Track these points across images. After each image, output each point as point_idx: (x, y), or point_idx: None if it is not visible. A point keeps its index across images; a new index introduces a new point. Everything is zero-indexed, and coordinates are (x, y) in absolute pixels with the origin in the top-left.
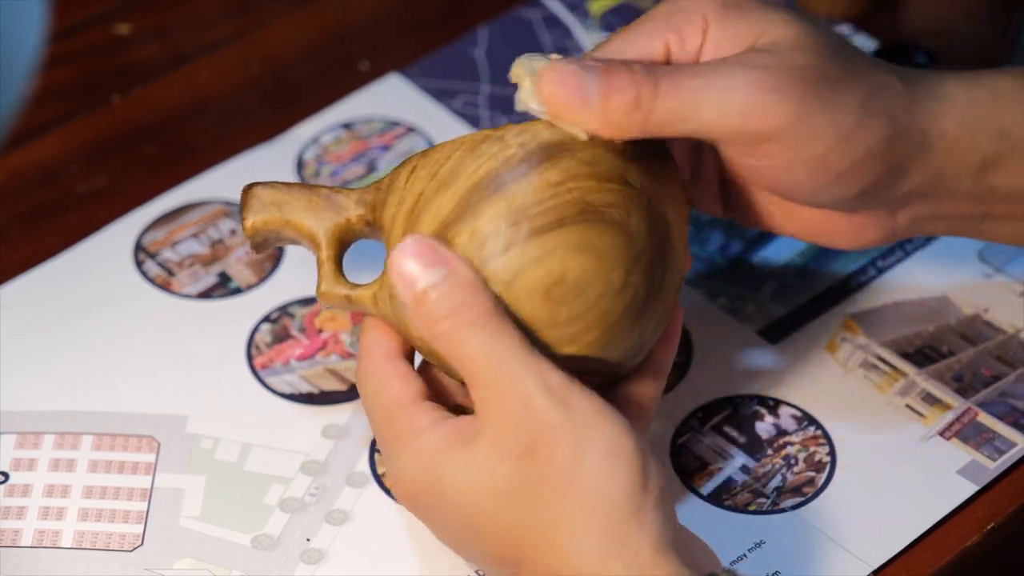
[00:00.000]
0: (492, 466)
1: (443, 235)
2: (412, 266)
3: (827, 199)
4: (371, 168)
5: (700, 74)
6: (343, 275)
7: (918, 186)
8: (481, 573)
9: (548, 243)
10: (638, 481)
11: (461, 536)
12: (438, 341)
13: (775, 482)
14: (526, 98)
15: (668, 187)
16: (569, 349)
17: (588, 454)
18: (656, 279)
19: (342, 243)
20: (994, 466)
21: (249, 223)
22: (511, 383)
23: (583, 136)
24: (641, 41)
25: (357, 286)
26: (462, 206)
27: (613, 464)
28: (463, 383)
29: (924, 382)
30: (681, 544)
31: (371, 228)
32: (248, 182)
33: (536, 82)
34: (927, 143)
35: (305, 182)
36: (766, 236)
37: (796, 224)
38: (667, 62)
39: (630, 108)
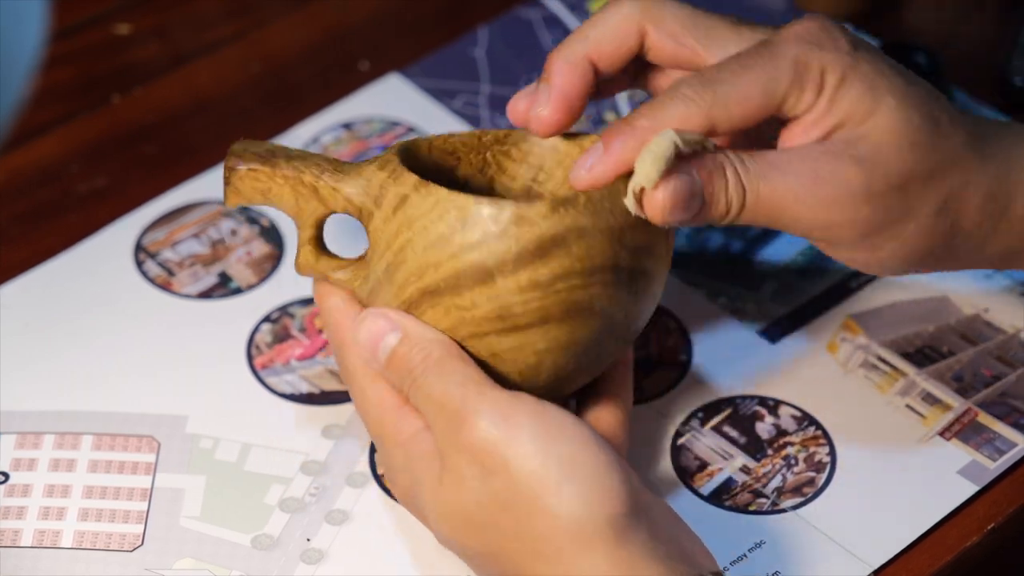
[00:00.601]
0: (459, 490)
1: (417, 300)
2: (370, 338)
3: (889, 272)
4: None
5: (783, 191)
6: (324, 250)
7: (980, 263)
8: None
9: (527, 337)
10: (607, 492)
11: (450, 545)
12: (408, 396)
13: (775, 482)
14: (628, 202)
15: (656, 238)
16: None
17: (547, 470)
18: (622, 333)
19: (323, 224)
20: (994, 466)
21: (231, 204)
22: (455, 414)
23: (634, 212)
24: (764, 97)
25: (337, 262)
26: (447, 283)
27: (574, 478)
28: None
29: (924, 382)
30: (665, 552)
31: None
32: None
33: (647, 197)
34: (1000, 222)
35: (293, 151)
36: (766, 236)
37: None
38: (772, 115)
39: (720, 218)
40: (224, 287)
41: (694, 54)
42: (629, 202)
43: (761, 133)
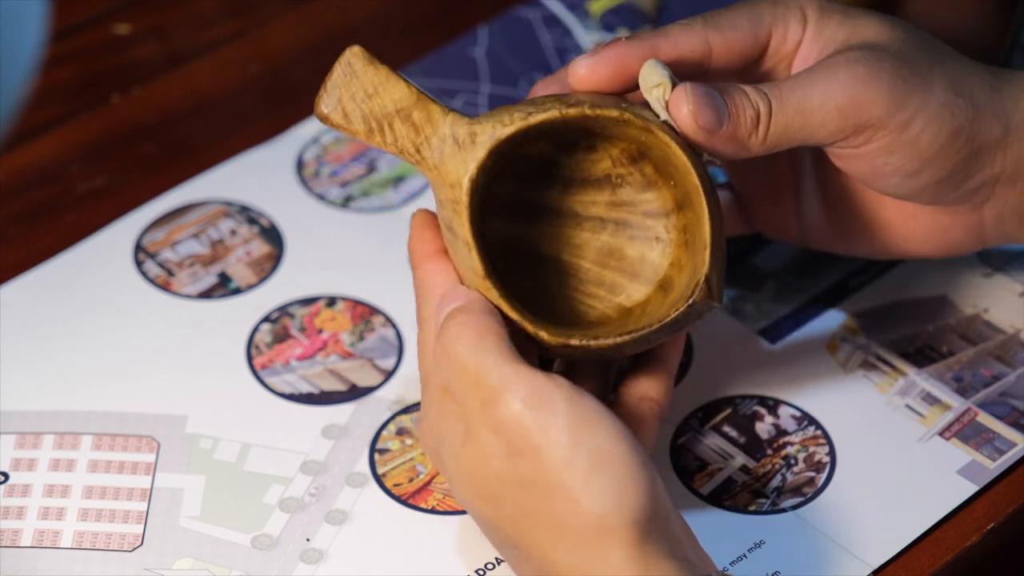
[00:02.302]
0: (482, 461)
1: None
2: (435, 297)
3: (918, 185)
4: (371, 168)
5: (799, 86)
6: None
7: (1002, 171)
8: (482, 572)
9: None
10: (632, 489)
11: (467, 508)
12: (436, 358)
13: (775, 482)
14: (656, 106)
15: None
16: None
17: (577, 459)
18: None
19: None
20: (994, 466)
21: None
22: (490, 390)
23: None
24: (751, 24)
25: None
26: None
27: (603, 473)
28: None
29: (924, 382)
30: (679, 552)
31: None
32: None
33: (672, 100)
34: (1011, 126)
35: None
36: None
37: (881, 236)
38: (765, 50)
39: (753, 126)
40: (224, 287)
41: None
42: (662, 113)
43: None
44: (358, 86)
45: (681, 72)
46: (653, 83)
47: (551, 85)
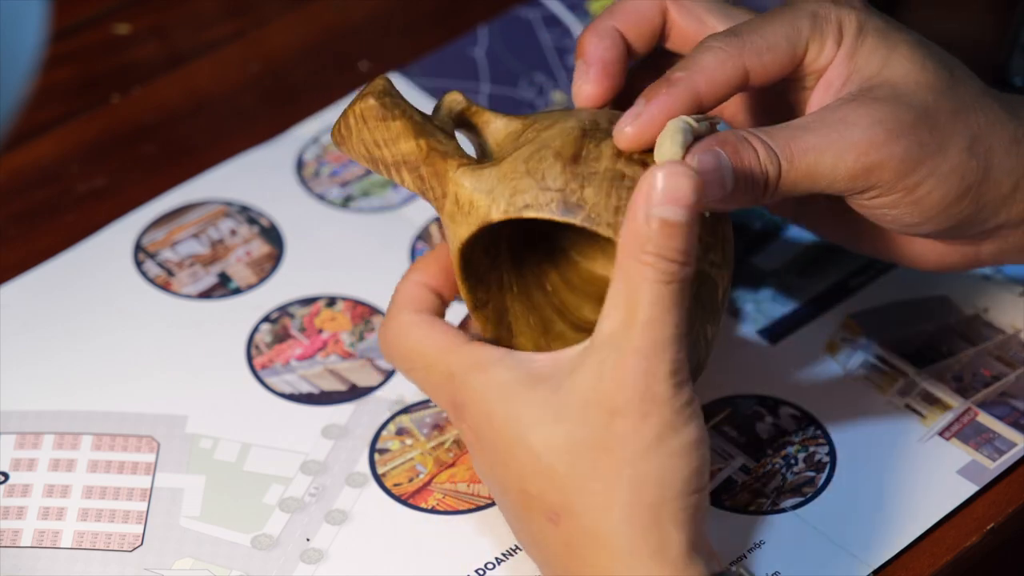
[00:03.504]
0: (577, 411)
1: None
2: (671, 189)
3: (922, 231)
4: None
5: (812, 148)
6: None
7: (1006, 220)
8: (482, 571)
9: None
10: (695, 486)
11: (507, 471)
12: (630, 264)
13: (775, 482)
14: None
15: (722, 240)
16: None
17: (670, 440)
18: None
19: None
20: (994, 466)
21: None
22: (652, 344)
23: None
24: (789, 43)
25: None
26: None
27: (683, 460)
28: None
29: (924, 382)
30: (703, 546)
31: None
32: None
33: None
34: (1021, 182)
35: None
36: (766, 236)
37: (877, 241)
38: (798, 65)
39: (760, 192)
40: (224, 287)
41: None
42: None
43: (784, 110)
44: (368, 135)
45: (716, 103)
46: (662, 156)
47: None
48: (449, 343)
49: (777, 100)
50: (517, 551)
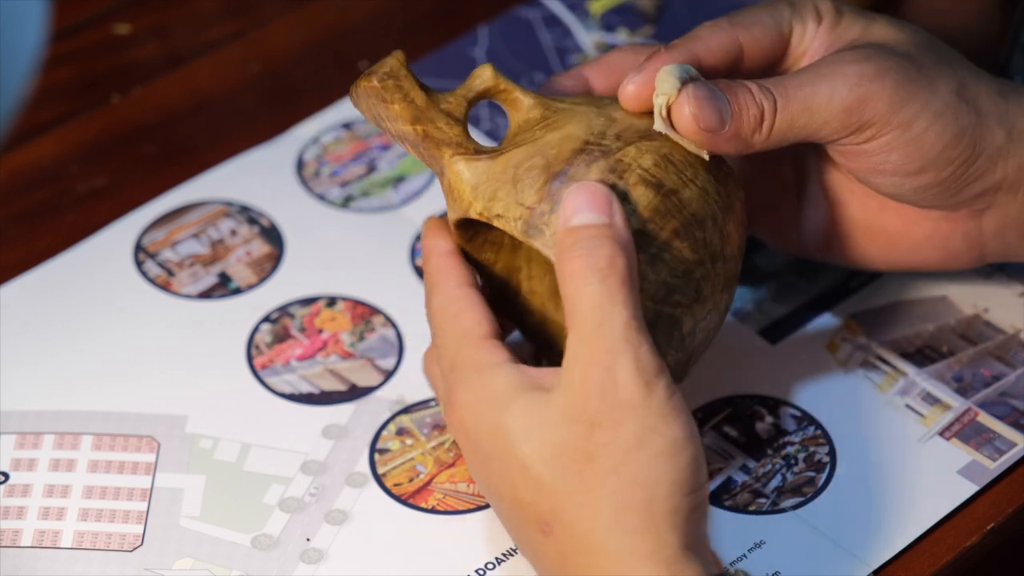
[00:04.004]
0: (561, 423)
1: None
2: (580, 200)
3: (918, 185)
4: (371, 168)
5: (806, 82)
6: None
7: (1003, 178)
8: (482, 571)
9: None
10: (685, 487)
11: (501, 479)
12: (563, 278)
13: (775, 482)
14: (657, 125)
15: (734, 198)
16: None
17: (651, 442)
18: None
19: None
20: (994, 466)
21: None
22: (604, 351)
23: (704, 155)
24: (775, 21)
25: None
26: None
27: (669, 461)
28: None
29: (924, 382)
30: (701, 547)
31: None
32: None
33: (675, 105)
34: (1014, 134)
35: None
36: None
37: (881, 245)
38: (787, 48)
39: (756, 124)
40: (224, 287)
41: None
42: (658, 125)
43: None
44: (372, 108)
45: (714, 74)
46: (661, 92)
47: (567, 81)
48: (468, 332)
49: None
50: (517, 551)
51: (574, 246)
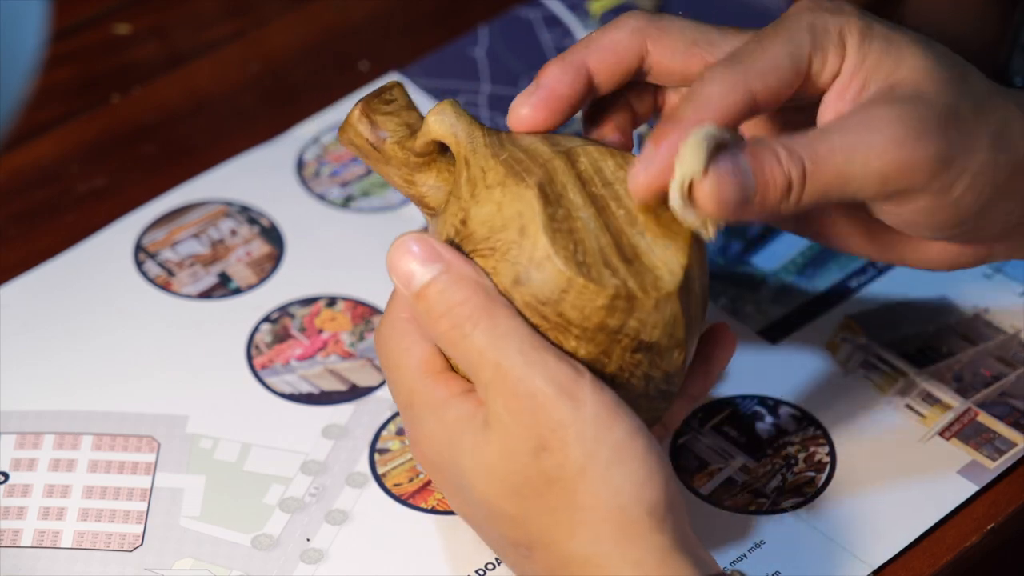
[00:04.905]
0: (504, 458)
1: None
2: (406, 261)
3: (953, 235)
4: (371, 168)
5: (839, 147)
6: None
7: None
8: (482, 572)
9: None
10: (651, 481)
11: (474, 513)
12: (440, 342)
13: (775, 482)
14: (674, 202)
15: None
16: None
17: (599, 452)
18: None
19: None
20: (994, 466)
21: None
22: (517, 382)
23: (709, 235)
24: (792, 60)
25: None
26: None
27: (624, 463)
28: None
29: (924, 382)
30: (690, 546)
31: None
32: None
33: (696, 187)
34: None
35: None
36: (766, 236)
37: (885, 249)
38: (807, 77)
39: (784, 194)
40: (224, 287)
41: (703, 63)
42: (675, 203)
43: (798, 124)
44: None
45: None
46: (684, 168)
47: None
48: (420, 366)
49: (793, 120)
50: None
51: (429, 311)
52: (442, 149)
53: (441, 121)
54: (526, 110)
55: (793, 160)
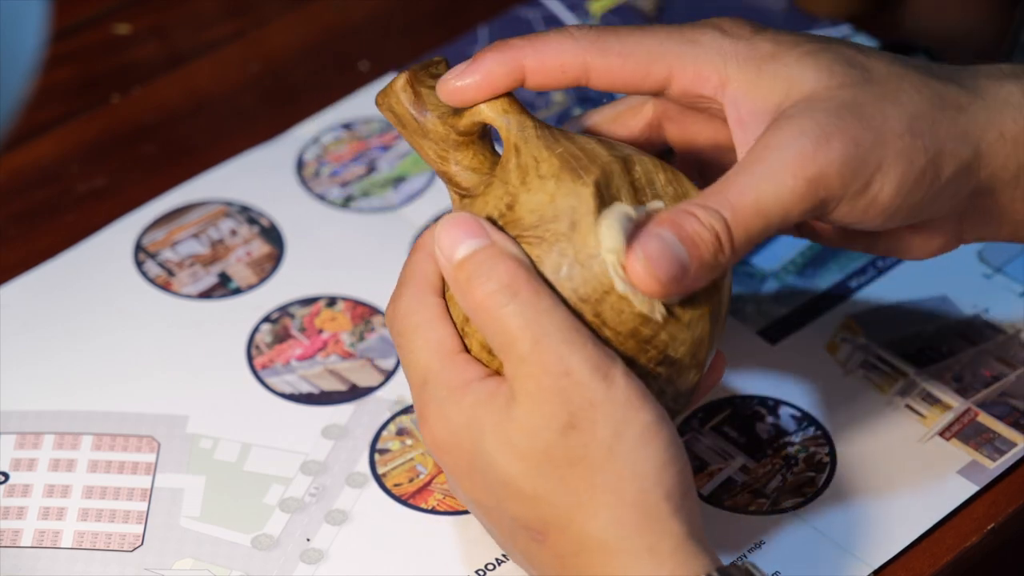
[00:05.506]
0: (530, 435)
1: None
2: (454, 234)
3: (888, 226)
4: (371, 168)
5: (748, 186)
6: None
7: (976, 188)
8: (482, 572)
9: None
10: (671, 467)
11: (487, 496)
12: (475, 313)
13: (775, 482)
14: (617, 285)
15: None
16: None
17: (626, 433)
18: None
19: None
20: (994, 466)
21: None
22: (555, 360)
23: (657, 316)
24: (648, 56)
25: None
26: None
27: (648, 447)
28: None
29: (924, 382)
30: (701, 537)
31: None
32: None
33: (628, 269)
34: (981, 148)
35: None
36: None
37: (864, 243)
38: (663, 86)
39: (716, 249)
40: (224, 287)
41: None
42: (618, 283)
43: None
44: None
45: (555, 88)
46: (607, 248)
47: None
48: (440, 346)
49: (711, 167)
50: None
51: (470, 279)
52: (482, 134)
53: (494, 106)
54: (458, 83)
55: (710, 214)
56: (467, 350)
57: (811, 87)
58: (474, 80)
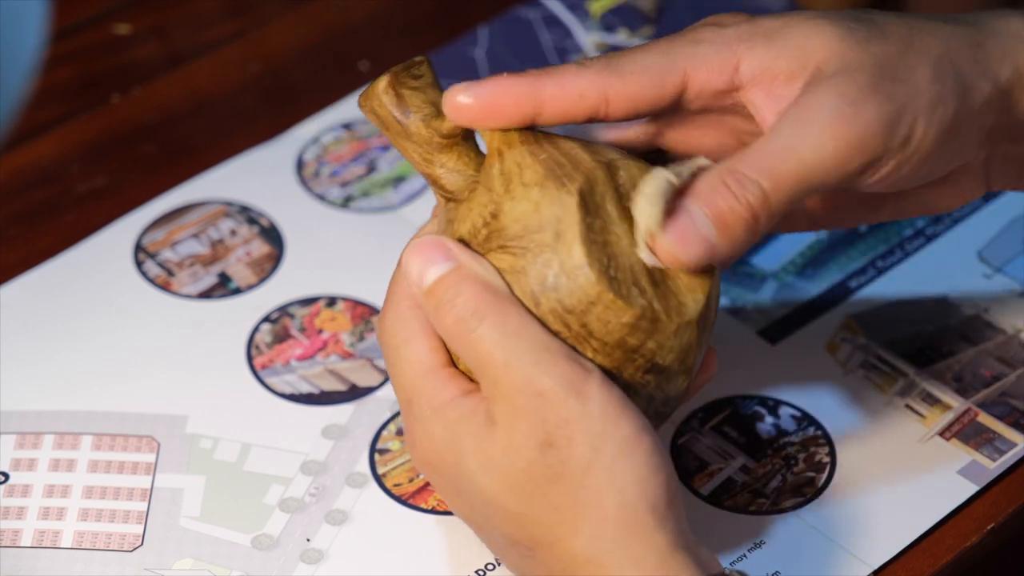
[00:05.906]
0: (510, 454)
1: (489, 250)
2: (419, 261)
3: (929, 177)
4: (371, 168)
5: (788, 152)
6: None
7: (995, 126)
8: (482, 572)
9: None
10: (654, 479)
11: (474, 514)
12: (448, 340)
13: (775, 482)
14: (642, 254)
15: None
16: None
17: (604, 448)
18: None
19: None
20: (994, 466)
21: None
22: (526, 381)
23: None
24: (660, 67)
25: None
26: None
27: (629, 460)
28: None
29: (924, 382)
30: (690, 545)
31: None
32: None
33: (655, 246)
34: (999, 84)
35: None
36: (766, 236)
37: (892, 208)
38: (679, 94)
39: (751, 223)
40: (224, 287)
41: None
42: (644, 254)
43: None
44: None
45: (571, 119)
46: (641, 219)
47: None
48: (421, 361)
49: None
50: None
51: (438, 306)
52: (466, 135)
53: None
54: (461, 97)
55: (748, 184)
56: (453, 362)
57: (831, 49)
58: (482, 106)
